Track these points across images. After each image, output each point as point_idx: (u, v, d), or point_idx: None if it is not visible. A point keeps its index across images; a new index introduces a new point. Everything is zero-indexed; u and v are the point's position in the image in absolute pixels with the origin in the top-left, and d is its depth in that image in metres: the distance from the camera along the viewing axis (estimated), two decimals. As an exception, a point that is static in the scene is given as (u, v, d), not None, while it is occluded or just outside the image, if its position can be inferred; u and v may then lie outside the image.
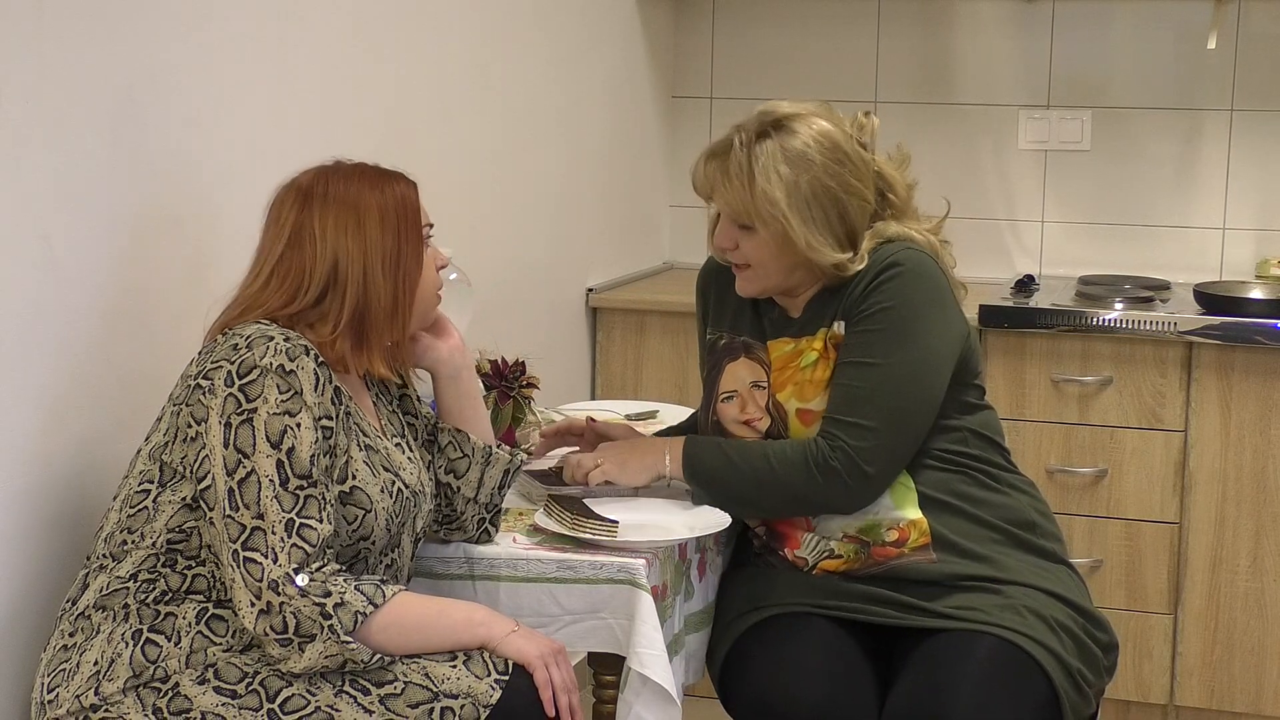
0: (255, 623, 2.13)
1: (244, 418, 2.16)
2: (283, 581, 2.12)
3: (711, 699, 2.69)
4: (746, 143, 2.57)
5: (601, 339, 4.14)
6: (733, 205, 2.59)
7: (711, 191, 2.64)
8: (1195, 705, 3.82)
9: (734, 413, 2.69)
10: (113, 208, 2.41)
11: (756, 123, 2.60)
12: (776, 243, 2.58)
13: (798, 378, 2.63)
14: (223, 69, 2.64)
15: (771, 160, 2.55)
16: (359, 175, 2.32)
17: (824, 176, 2.56)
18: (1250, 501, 3.74)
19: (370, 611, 2.15)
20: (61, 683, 2.17)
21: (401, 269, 2.30)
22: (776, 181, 2.54)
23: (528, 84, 3.73)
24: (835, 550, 2.63)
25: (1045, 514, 2.73)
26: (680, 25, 4.50)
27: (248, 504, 2.14)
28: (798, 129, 2.57)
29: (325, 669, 2.15)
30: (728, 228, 2.63)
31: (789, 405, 2.64)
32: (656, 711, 2.41)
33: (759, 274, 2.63)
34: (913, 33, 4.36)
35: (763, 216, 2.56)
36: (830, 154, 2.57)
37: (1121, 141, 4.26)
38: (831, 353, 2.61)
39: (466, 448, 2.49)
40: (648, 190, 4.46)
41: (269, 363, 2.17)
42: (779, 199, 2.54)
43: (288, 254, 2.27)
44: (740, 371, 2.70)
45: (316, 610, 2.12)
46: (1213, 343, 3.71)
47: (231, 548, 2.14)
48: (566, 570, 2.46)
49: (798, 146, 2.56)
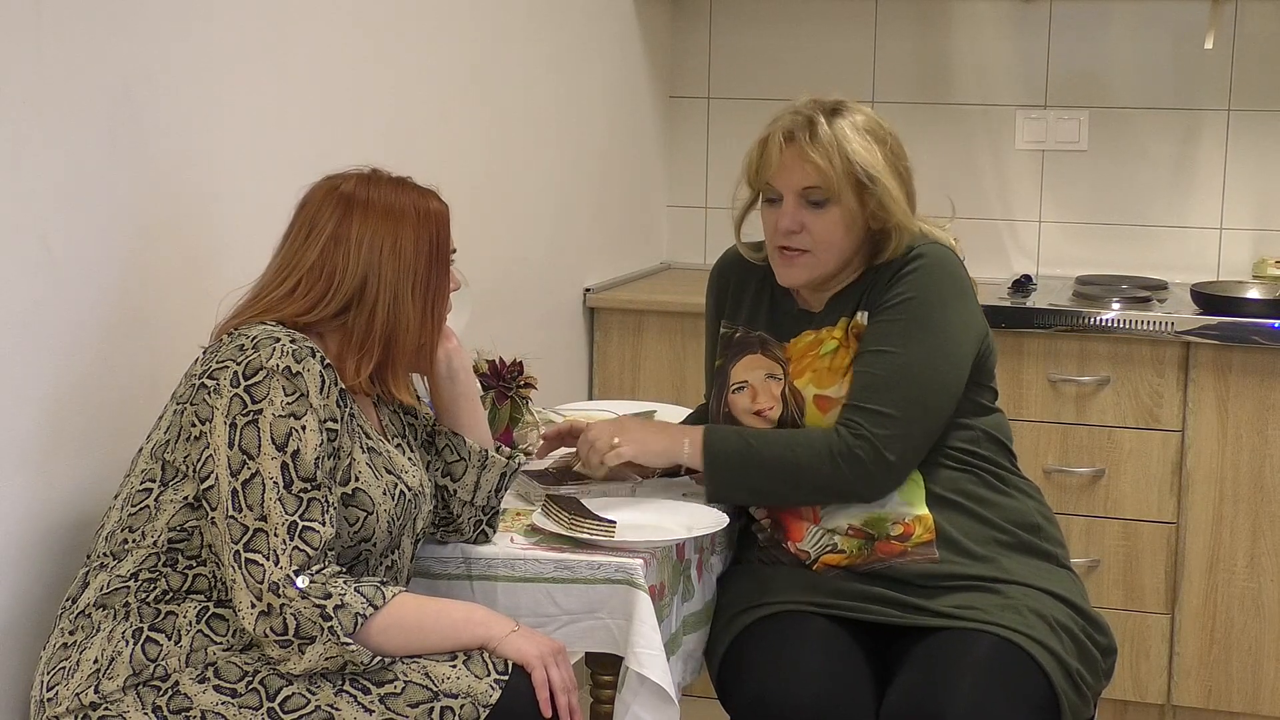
0: (255, 624, 2.13)
1: (249, 419, 2.16)
2: (283, 583, 2.12)
3: (710, 699, 2.69)
4: (824, 118, 2.60)
5: (599, 339, 4.14)
6: (821, 176, 2.59)
7: (778, 173, 2.63)
8: (1192, 705, 3.82)
9: (745, 403, 2.70)
10: (111, 208, 2.41)
11: (818, 106, 2.63)
12: (852, 218, 2.60)
13: (816, 364, 2.65)
14: (221, 69, 2.64)
15: (855, 132, 2.60)
16: (400, 190, 2.31)
17: (891, 152, 2.63)
18: (1247, 501, 3.74)
19: (370, 613, 2.16)
20: (61, 680, 2.17)
21: (430, 296, 2.30)
22: (866, 149, 2.59)
23: (525, 84, 3.73)
24: (838, 545, 2.63)
25: (1049, 518, 2.73)
26: (678, 26, 4.50)
27: (251, 505, 2.14)
28: (858, 110, 2.64)
29: (325, 670, 2.15)
30: (795, 209, 2.62)
31: (806, 391, 2.65)
32: (654, 711, 2.41)
33: (817, 260, 2.64)
34: (910, 33, 4.36)
35: (852, 185, 2.58)
36: (891, 135, 2.65)
37: (1119, 141, 4.27)
38: (852, 341, 2.63)
39: (463, 451, 2.49)
40: (645, 190, 4.46)
41: (275, 364, 2.17)
42: (874, 161, 2.58)
43: (320, 262, 2.26)
44: (754, 365, 2.71)
45: (316, 612, 2.12)
46: (1210, 343, 3.71)
47: (233, 548, 2.14)
48: (564, 570, 2.46)
49: (866, 123, 2.63)
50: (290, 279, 2.27)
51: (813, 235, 2.62)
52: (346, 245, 2.25)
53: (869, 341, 2.61)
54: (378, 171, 2.33)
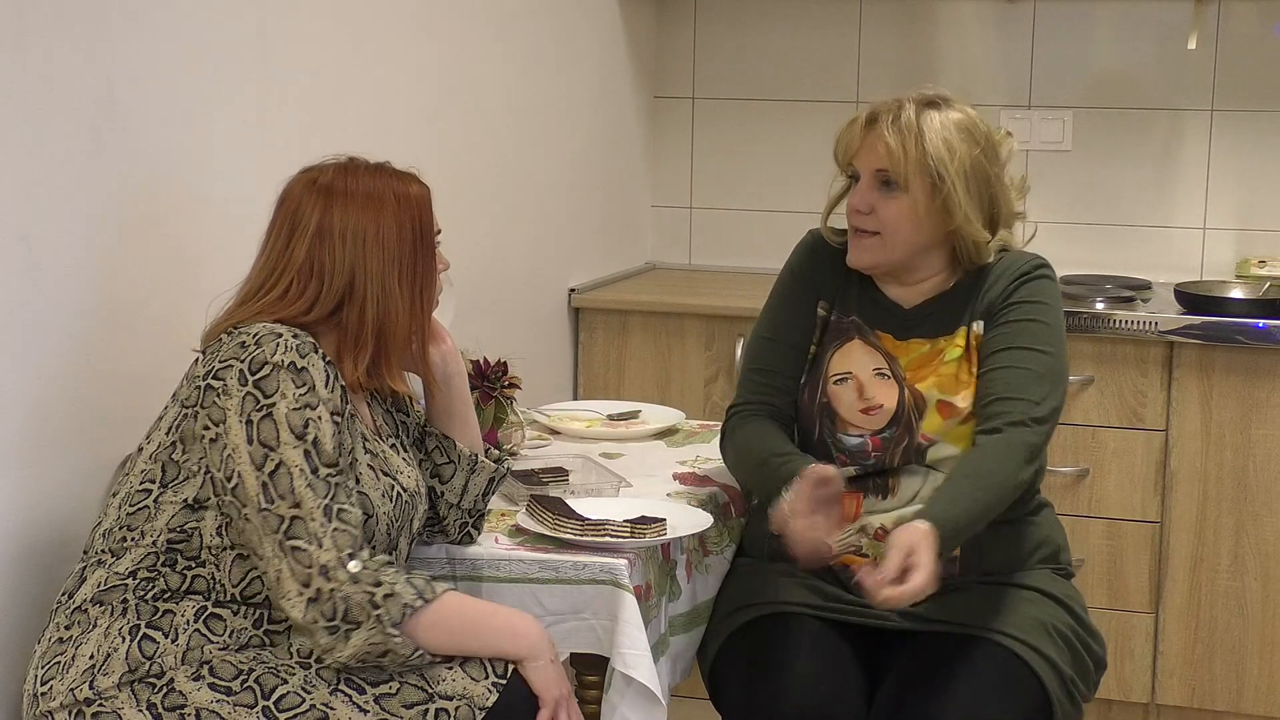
0: (305, 612, 2.12)
1: (264, 413, 2.15)
2: (334, 566, 2.12)
3: (700, 700, 2.69)
4: (916, 107, 2.60)
5: (584, 339, 4.13)
6: (894, 159, 2.58)
7: (859, 151, 2.62)
8: (1176, 704, 3.83)
9: (850, 398, 2.62)
10: (93, 209, 2.40)
11: (921, 95, 2.63)
12: (919, 209, 2.58)
13: (941, 370, 2.61)
14: (205, 69, 2.64)
15: (943, 126, 2.59)
16: (378, 177, 2.29)
17: (983, 157, 2.60)
18: (1231, 500, 3.75)
19: (419, 606, 2.15)
20: (56, 675, 2.16)
21: (418, 282, 2.29)
22: (945, 145, 2.57)
23: (509, 84, 3.73)
24: (864, 548, 2.60)
25: (1063, 531, 2.74)
26: (662, 25, 4.50)
27: (282, 495, 2.13)
28: (960, 109, 2.63)
29: (366, 657, 2.14)
30: (868, 190, 2.61)
31: (930, 395, 2.60)
32: (641, 712, 2.41)
33: (884, 244, 2.61)
34: (894, 33, 4.36)
35: (923, 176, 2.57)
36: (988, 139, 2.63)
37: (1103, 142, 4.27)
38: (974, 354, 2.61)
39: (453, 454, 2.48)
40: (630, 190, 4.46)
41: (281, 359, 2.16)
42: (947, 160, 2.56)
43: (308, 260, 2.25)
44: (857, 355, 2.65)
45: (366, 599, 2.12)
46: (1194, 342, 3.71)
47: (274, 539, 2.13)
48: (549, 571, 2.46)
49: (964, 122, 2.61)
50: (282, 280, 2.25)
51: (881, 219, 2.60)
52: (331, 240, 2.25)
53: (1011, 338, 2.58)
54: (355, 160, 2.32)
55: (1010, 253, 2.67)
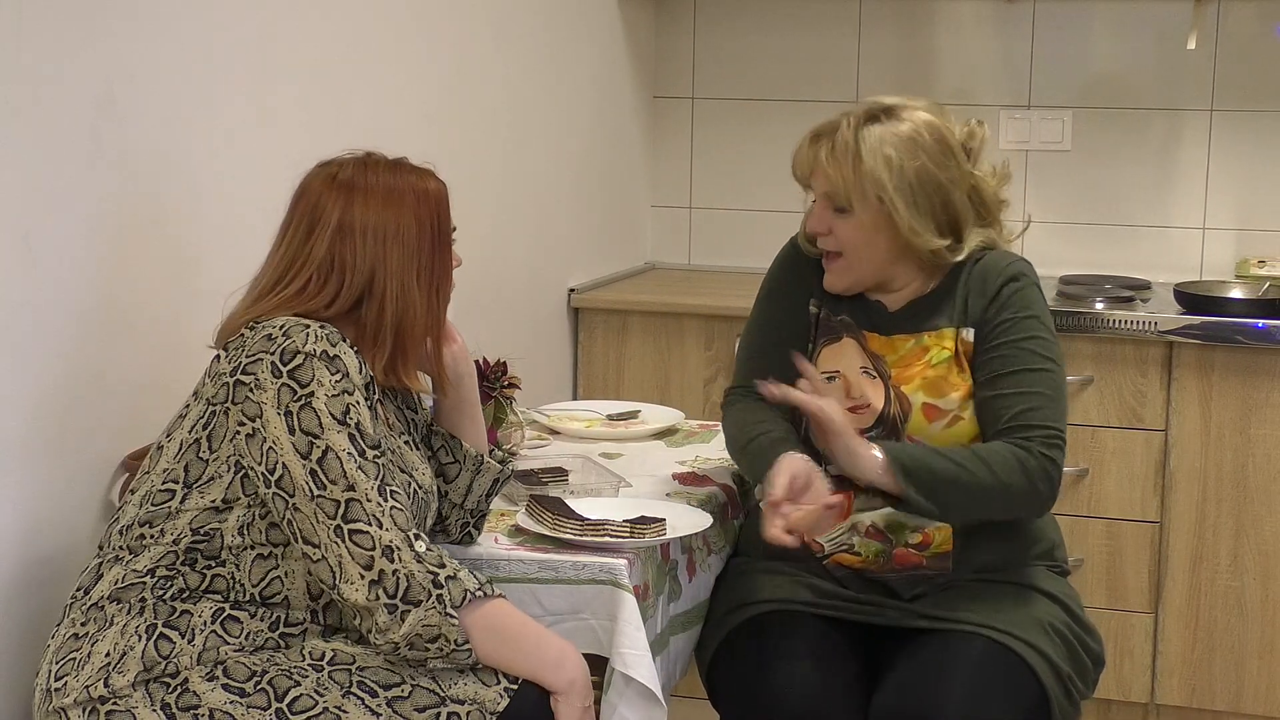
0: (368, 593, 2.11)
1: (302, 403, 2.13)
2: (399, 545, 2.12)
3: (699, 699, 2.69)
4: (854, 125, 2.58)
5: (583, 339, 4.13)
6: (834, 185, 2.58)
7: (811, 173, 2.62)
8: (1176, 704, 3.83)
9: (838, 396, 2.61)
10: (93, 207, 2.40)
11: (865, 109, 2.61)
12: (872, 227, 2.57)
13: (926, 373, 2.60)
14: (204, 67, 2.64)
15: (879, 143, 2.55)
16: (397, 173, 2.29)
17: (930, 164, 2.57)
18: (1230, 500, 3.75)
19: (480, 596, 2.16)
20: (71, 671, 2.16)
21: (435, 280, 2.29)
22: (883, 162, 2.54)
23: (509, 84, 3.73)
24: (855, 546, 2.61)
25: (1058, 528, 2.74)
26: (661, 26, 4.50)
27: (334, 480, 2.13)
28: (906, 117, 2.59)
29: (416, 640, 2.13)
30: (822, 212, 2.61)
31: (915, 398, 2.59)
32: (640, 712, 2.41)
33: (850, 264, 2.61)
34: (894, 33, 4.36)
35: (865, 197, 2.55)
36: (937, 144, 2.58)
37: (1102, 141, 4.27)
38: (963, 360, 2.60)
39: (458, 454, 2.48)
40: (629, 191, 4.46)
41: (313, 348, 2.15)
42: (885, 180, 2.54)
43: (329, 256, 2.23)
44: (846, 353, 2.66)
45: (429, 579, 2.13)
46: (1193, 342, 3.72)
47: (331, 524, 2.12)
48: (548, 571, 2.46)
49: (906, 132, 2.57)
50: (301, 274, 2.24)
51: (839, 239, 2.61)
52: (353, 237, 2.23)
53: (1013, 361, 2.56)
54: (373, 155, 2.32)
55: (992, 253, 2.64)
